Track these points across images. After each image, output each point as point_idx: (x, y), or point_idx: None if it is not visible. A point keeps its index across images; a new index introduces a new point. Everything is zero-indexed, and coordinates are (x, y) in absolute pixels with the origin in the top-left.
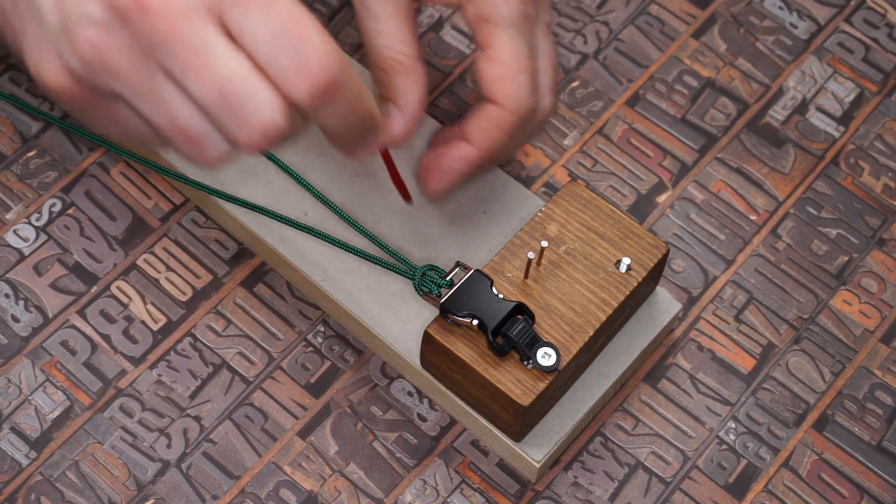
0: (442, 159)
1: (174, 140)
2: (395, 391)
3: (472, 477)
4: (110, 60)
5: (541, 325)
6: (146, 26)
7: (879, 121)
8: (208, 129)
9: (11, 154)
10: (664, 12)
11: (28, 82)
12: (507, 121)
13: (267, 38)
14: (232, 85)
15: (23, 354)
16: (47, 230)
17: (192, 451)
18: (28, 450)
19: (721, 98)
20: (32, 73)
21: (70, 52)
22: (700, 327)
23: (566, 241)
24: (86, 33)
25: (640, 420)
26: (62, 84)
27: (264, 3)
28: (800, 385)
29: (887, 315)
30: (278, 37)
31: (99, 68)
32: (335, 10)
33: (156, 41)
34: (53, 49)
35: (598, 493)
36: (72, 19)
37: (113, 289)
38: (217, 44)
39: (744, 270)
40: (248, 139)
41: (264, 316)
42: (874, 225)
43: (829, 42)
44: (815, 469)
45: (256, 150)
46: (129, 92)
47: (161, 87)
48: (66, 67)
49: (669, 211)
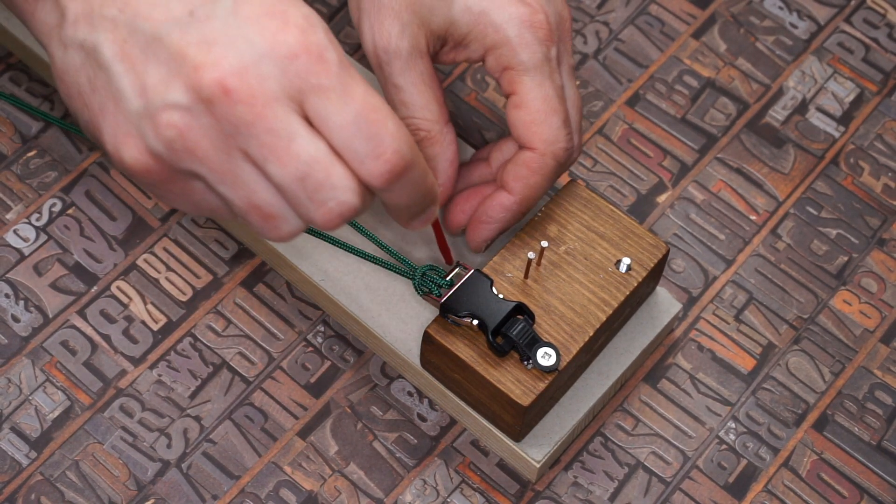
0: (483, 211)
1: (249, 217)
2: (395, 391)
3: (472, 477)
4: (193, 143)
5: (541, 325)
6: (231, 112)
7: (879, 121)
8: (284, 208)
9: (11, 154)
10: (664, 12)
11: (28, 82)
12: (544, 165)
13: (345, 123)
14: (312, 169)
15: (23, 354)
16: (47, 230)
17: (192, 450)
18: (28, 450)
19: (721, 98)
20: (110, 153)
21: (153, 134)
22: (700, 327)
23: (566, 241)
24: (170, 117)
25: (640, 420)
26: (142, 164)
27: (343, 91)
28: (800, 385)
29: (887, 315)
30: (356, 123)
31: (181, 151)
32: (335, 10)
33: (240, 126)
34: (135, 131)
35: (598, 493)
36: (156, 104)
37: (113, 289)
38: (298, 129)
39: (744, 270)
40: (325, 220)
41: (264, 316)
42: (874, 225)
43: (829, 42)
44: (814, 469)
45: (330, 229)
46: (208, 172)
47: (240, 168)
48: (147, 149)
49: (669, 211)
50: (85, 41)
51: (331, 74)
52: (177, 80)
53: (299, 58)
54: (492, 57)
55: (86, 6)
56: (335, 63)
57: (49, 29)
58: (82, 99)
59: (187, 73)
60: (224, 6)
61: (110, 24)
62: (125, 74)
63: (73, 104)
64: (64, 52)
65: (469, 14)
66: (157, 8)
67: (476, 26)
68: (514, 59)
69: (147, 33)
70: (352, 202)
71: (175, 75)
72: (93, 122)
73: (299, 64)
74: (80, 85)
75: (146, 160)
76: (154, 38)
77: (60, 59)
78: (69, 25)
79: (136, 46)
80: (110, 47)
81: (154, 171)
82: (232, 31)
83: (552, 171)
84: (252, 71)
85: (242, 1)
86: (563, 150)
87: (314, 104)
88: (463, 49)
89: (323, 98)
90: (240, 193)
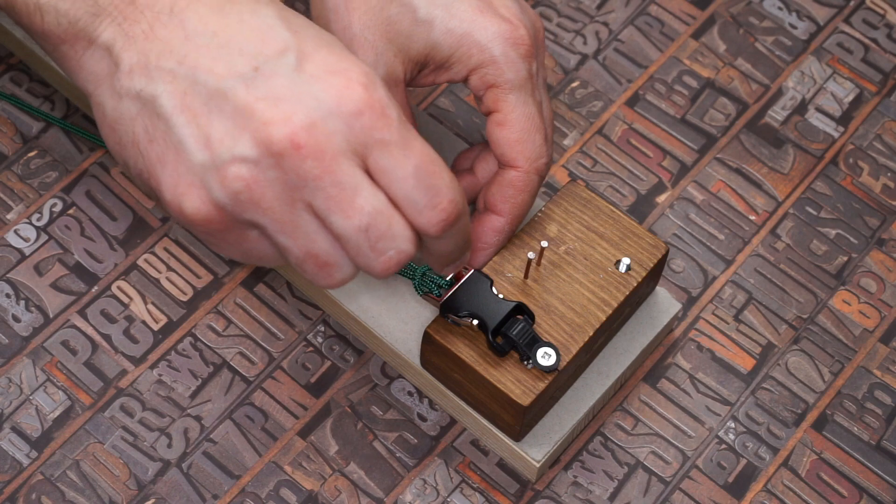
0: (477, 238)
1: (304, 265)
2: (395, 391)
3: (472, 476)
4: (259, 195)
5: (541, 325)
6: (300, 166)
7: (879, 121)
8: (340, 256)
9: (12, 154)
10: (664, 13)
11: (29, 82)
12: (529, 182)
13: (406, 175)
14: (375, 220)
15: (23, 354)
16: (48, 230)
17: (192, 450)
18: (29, 449)
19: (720, 98)
20: (168, 201)
21: (219, 186)
22: (700, 327)
23: (566, 241)
24: (238, 170)
25: (639, 420)
26: (203, 215)
27: (404, 145)
28: (799, 385)
29: (886, 315)
30: (416, 175)
31: (247, 202)
32: None
33: (307, 180)
34: (199, 182)
35: (598, 493)
36: (223, 156)
37: (113, 289)
38: (362, 182)
39: (743, 270)
40: (384, 268)
41: (265, 316)
42: (873, 225)
43: (829, 42)
44: (814, 469)
45: (384, 277)
46: (269, 223)
47: (302, 218)
48: (211, 199)
49: (669, 211)
50: (142, 92)
51: (393, 129)
52: (244, 133)
53: (364, 114)
54: (476, 76)
55: (141, 57)
56: (396, 119)
57: (98, 77)
58: (137, 148)
59: (256, 127)
60: (287, 63)
61: (169, 76)
62: (187, 126)
63: (125, 152)
64: (117, 102)
65: (451, 36)
66: (220, 62)
67: (460, 48)
68: (500, 77)
69: (209, 86)
70: (409, 251)
71: (242, 129)
72: (149, 171)
73: (364, 120)
74: (136, 134)
75: (208, 210)
76: (217, 91)
77: (112, 108)
78: (124, 75)
79: (197, 99)
80: (170, 99)
81: (215, 221)
82: (298, 88)
83: (536, 188)
84: (320, 127)
85: (305, 58)
86: (544, 166)
87: (377, 158)
88: (445, 71)
89: (385, 152)
90: (299, 243)
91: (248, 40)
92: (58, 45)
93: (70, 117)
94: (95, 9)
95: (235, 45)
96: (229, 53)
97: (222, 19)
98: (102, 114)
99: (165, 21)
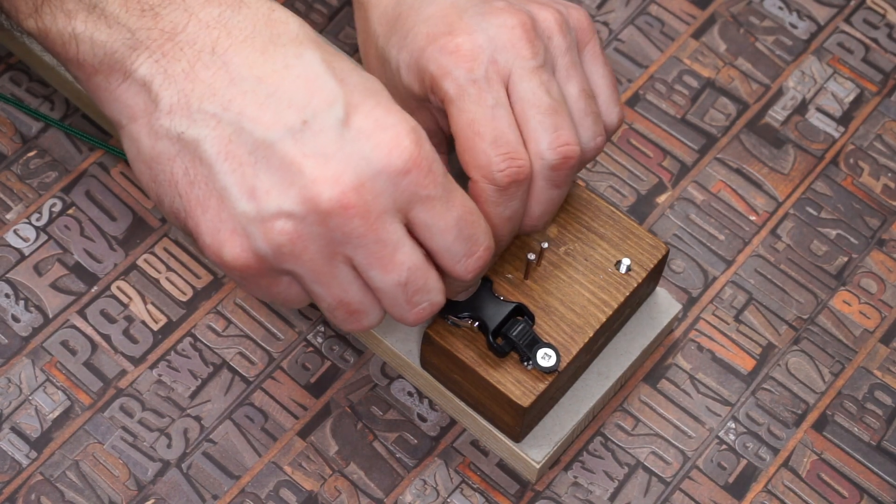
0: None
1: (335, 312)
2: (395, 391)
3: (472, 477)
4: (301, 249)
5: (541, 326)
6: (345, 225)
7: (879, 121)
8: (371, 305)
9: (12, 154)
10: (664, 12)
11: (28, 82)
12: (482, 192)
13: (448, 228)
14: (413, 276)
15: (23, 354)
16: (47, 230)
17: (192, 450)
18: (28, 450)
19: (721, 98)
20: (206, 245)
21: (262, 237)
22: (700, 328)
23: (566, 241)
24: (283, 225)
25: (640, 420)
26: (242, 262)
27: (447, 198)
28: (799, 385)
29: (887, 315)
30: (457, 227)
31: (287, 255)
32: (335, 10)
33: (351, 237)
34: (241, 230)
35: (598, 493)
36: (269, 210)
37: (113, 289)
38: (403, 239)
39: (743, 271)
40: (416, 319)
41: (264, 316)
42: (874, 225)
43: (829, 42)
44: (814, 469)
45: (414, 325)
46: (306, 273)
47: (339, 270)
48: (252, 248)
49: (669, 211)
50: (183, 134)
51: (437, 185)
52: (291, 189)
53: (411, 173)
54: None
55: (182, 97)
56: (441, 174)
57: (133, 112)
58: (175, 188)
59: (304, 184)
60: (335, 116)
61: (213, 121)
62: (231, 174)
63: (161, 190)
64: (155, 141)
65: (412, 72)
66: (266, 112)
67: (421, 83)
68: (441, 92)
69: (256, 136)
70: (441, 302)
71: (290, 184)
72: (187, 212)
73: (410, 178)
74: (174, 175)
75: (248, 259)
76: (263, 142)
77: (150, 146)
78: (163, 115)
79: (242, 147)
80: (213, 144)
81: (253, 268)
82: (347, 146)
83: (498, 197)
84: (368, 187)
85: (353, 111)
86: (500, 174)
87: (419, 213)
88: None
89: (429, 207)
90: (332, 292)
91: (295, 90)
92: (92, 75)
93: (69, 117)
94: (133, 42)
95: (283, 94)
96: (277, 103)
97: (267, 64)
98: (137, 150)
99: (207, 61)
